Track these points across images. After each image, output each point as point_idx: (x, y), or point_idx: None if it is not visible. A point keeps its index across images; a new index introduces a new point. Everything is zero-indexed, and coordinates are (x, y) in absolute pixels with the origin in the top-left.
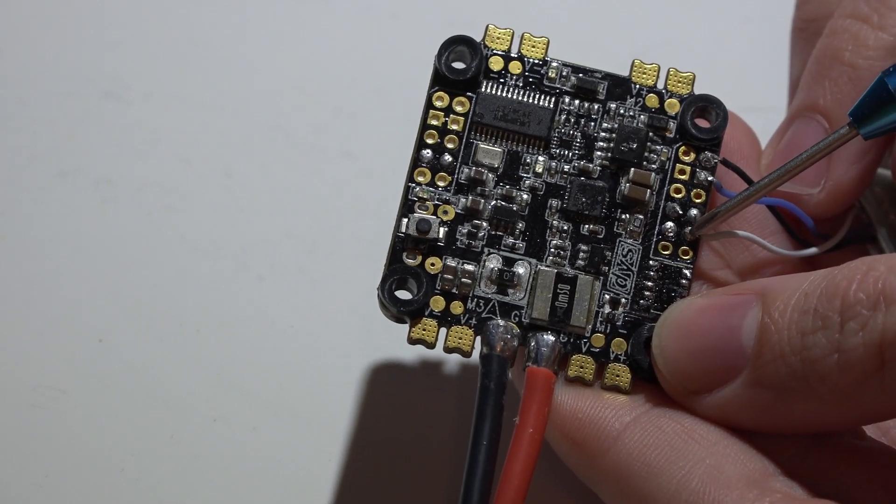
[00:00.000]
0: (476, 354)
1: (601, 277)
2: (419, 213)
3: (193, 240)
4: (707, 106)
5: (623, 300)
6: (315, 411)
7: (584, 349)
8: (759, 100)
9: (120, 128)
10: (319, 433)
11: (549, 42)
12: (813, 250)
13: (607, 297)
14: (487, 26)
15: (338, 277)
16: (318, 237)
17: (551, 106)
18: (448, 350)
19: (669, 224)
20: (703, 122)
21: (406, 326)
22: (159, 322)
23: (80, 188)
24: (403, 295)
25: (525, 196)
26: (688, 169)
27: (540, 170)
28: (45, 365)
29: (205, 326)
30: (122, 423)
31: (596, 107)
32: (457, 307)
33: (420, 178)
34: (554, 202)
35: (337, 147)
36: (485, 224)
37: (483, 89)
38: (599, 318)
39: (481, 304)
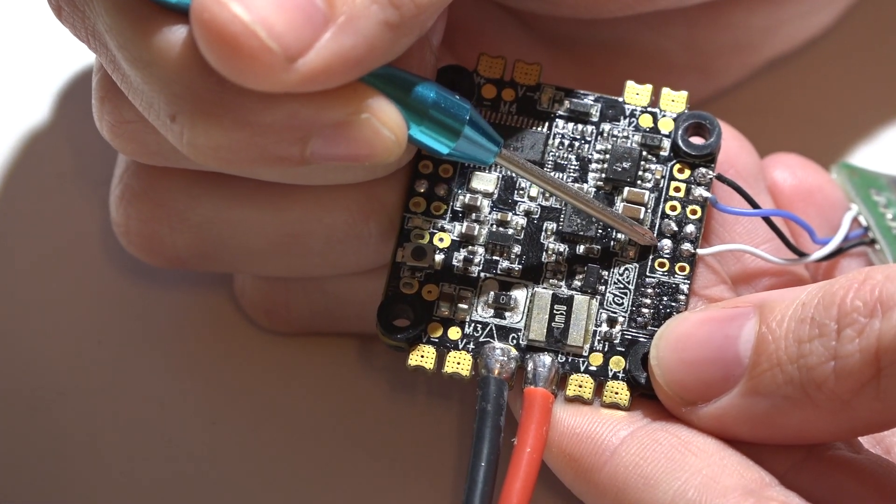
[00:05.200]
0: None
1: (598, 297)
2: (415, 242)
3: None
4: (701, 123)
5: (620, 318)
6: (315, 416)
7: (582, 368)
8: None
9: None
10: (320, 438)
11: (541, 68)
12: (812, 257)
13: (605, 315)
14: (480, 55)
15: None
16: None
17: (545, 130)
18: (447, 376)
19: (666, 241)
20: (697, 139)
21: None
22: (159, 323)
23: (80, 188)
24: (401, 323)
25: (520, 220)
26: (683, 186)
27: (534, 193)
28: (44, 367)
29: (204, 327)
30: (120, 425)
31: (589, 129)
32: (454, 333)
33: (415, 209)
34: (549, 225)
35: None
36: (480, 249)
37: None
38: (597, 337)
39: (479, 329)
